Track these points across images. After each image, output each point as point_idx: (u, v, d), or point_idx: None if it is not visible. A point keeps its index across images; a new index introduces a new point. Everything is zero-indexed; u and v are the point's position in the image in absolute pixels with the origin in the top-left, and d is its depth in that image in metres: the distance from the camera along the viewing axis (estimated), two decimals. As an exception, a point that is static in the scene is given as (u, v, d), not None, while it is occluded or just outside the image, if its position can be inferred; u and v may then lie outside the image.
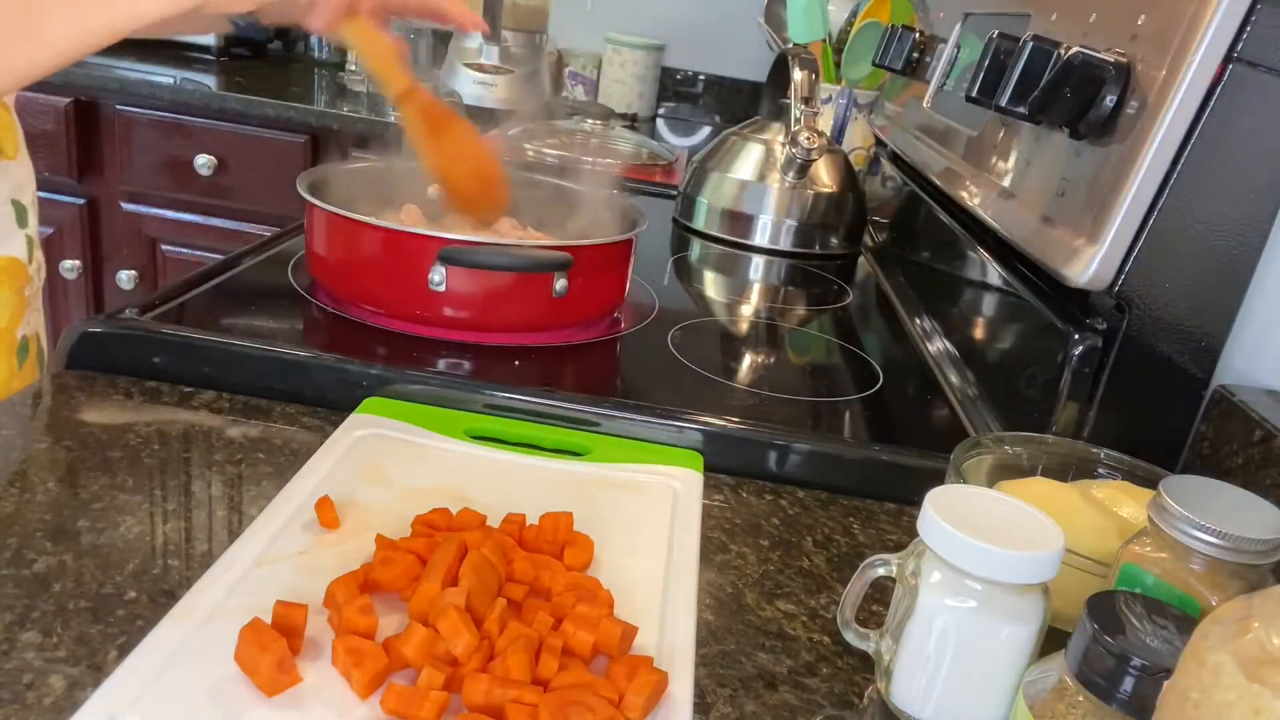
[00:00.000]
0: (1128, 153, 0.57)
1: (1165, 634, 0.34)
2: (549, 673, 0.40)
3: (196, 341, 0.65)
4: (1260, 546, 0.39)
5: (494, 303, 0.74)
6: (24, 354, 0.79)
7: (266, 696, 0.38)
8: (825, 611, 0.51)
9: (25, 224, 0.78)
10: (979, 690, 0.41)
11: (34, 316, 0.81)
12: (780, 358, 0.85)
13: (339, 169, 0.85)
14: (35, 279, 0.81)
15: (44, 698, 0.38)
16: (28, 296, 0.79)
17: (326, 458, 0.56)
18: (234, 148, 1.70)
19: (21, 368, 0.79)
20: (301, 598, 0.43)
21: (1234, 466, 0.56)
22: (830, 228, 1.18)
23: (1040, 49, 0.61)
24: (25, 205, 0.78)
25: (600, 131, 1.69)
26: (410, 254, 0.71)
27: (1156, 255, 0.58)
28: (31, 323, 0.80)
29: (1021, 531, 0.40)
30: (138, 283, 1.81)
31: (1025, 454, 0.58)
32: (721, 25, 2.22)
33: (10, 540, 0.47)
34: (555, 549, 0.49)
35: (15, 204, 0.77)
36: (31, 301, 0.80)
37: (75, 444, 0.56)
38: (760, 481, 0.63)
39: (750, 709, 0.43)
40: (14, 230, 0.77)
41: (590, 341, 0.79)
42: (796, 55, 1.12)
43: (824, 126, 1.51)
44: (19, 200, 0.77)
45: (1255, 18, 0.53)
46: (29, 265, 0.79)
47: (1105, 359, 0.61)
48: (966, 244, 0.87)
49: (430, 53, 2.19)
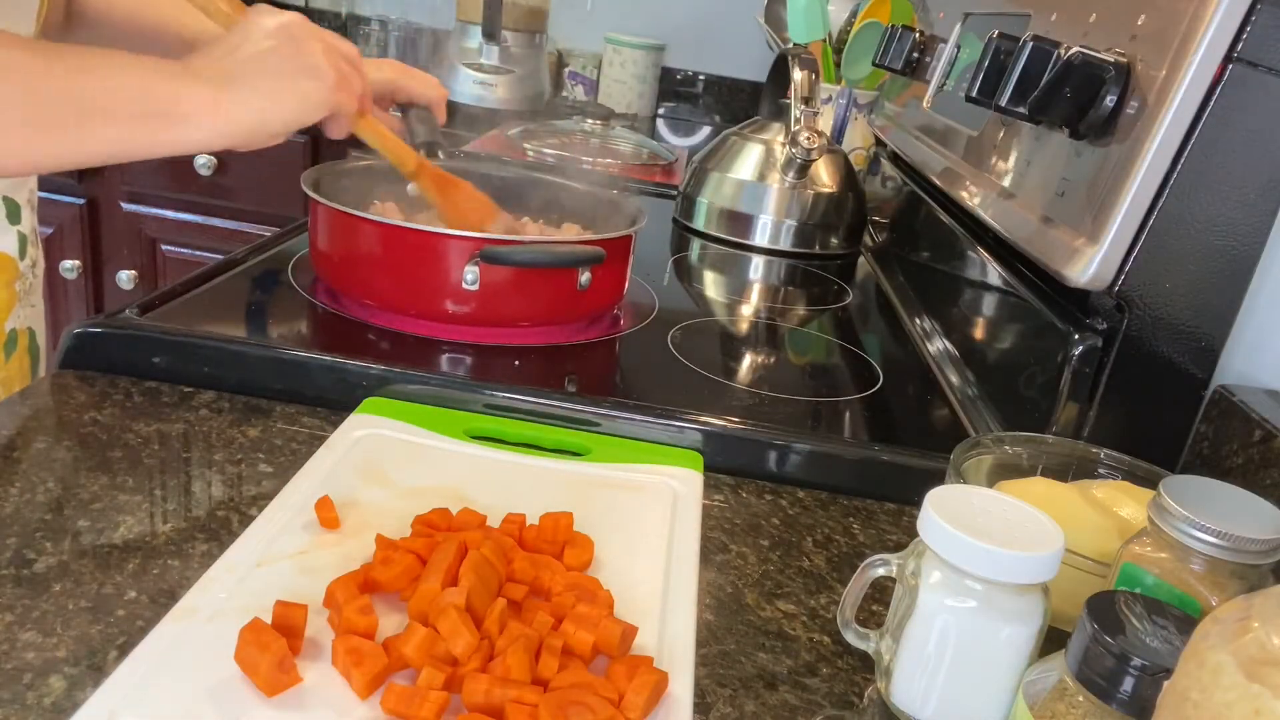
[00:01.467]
0: (1128, 153, 0.57)
1: (1165, 634, 0.34)
2: (549, 673, 0.40)
3: (196, 341, 0.65)
4: (1260, 546, 0.39)
5: (523, 298, 0.76)
6: (12, 347, 0.80)
7: (266, 696, 0.38)
8: (825, 611, 0.51)
9: (18, 220, 0.79)
10: (979, 690, 0.41)
11: (26, 311, 0.82)
12: (780, 358, 0.85)
13: (331, 168, 0.86)
14: (28, 274, 0.81)
15: (44, 698, 0.38)
16: (18, 290, 0.80)
17: (326, 458, 0.56)
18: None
19: (9, 360, 0.79)
20: (301, 598, 0.43)
21: (1234, 466, 0.56)
22: (830, 228, 1.18)
23: (1040, 49, 0.61)
24: (19, 202, 0.79)
25: (600, 131, 1.69)
26: (443, 254, 0.73)
27: (1156, 255, 0.58)
28: (23, 317, 0.81)
29: (1021, 531, 0.40)
30: (138, 283, 1.81)
31: (1025, 454, 0.58)
32: (721, 25, 2.22)
33: (10, 540, 0.47)
34: (555, 549, 0.49)
35: (7, 200, 0.78)
36: (24, 296, 0.81)
37: (75, 444, 0.56)
38: (760, 481, 0.63)
39: (750, 709, 0.43)
40: (4, 226, 0.78)
41: (590, 341, 0.80)
42: (796, 55, 1.12)
43: (824, 126, 1.51)
44: (12, 197, 0.78)
45: (1255, 18, 0.53)
46: (20, 261, 0.80)
47: (1105, 359, 0.61)
48: (966, 244, 0.87)
49: (429, 52, 2.19)
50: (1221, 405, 0.59)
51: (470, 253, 0.72)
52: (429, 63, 2.15)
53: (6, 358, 0.79)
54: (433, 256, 0.73)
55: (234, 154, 0.68)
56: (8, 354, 0.79)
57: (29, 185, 0.81)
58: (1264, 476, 0.53)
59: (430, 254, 0.73)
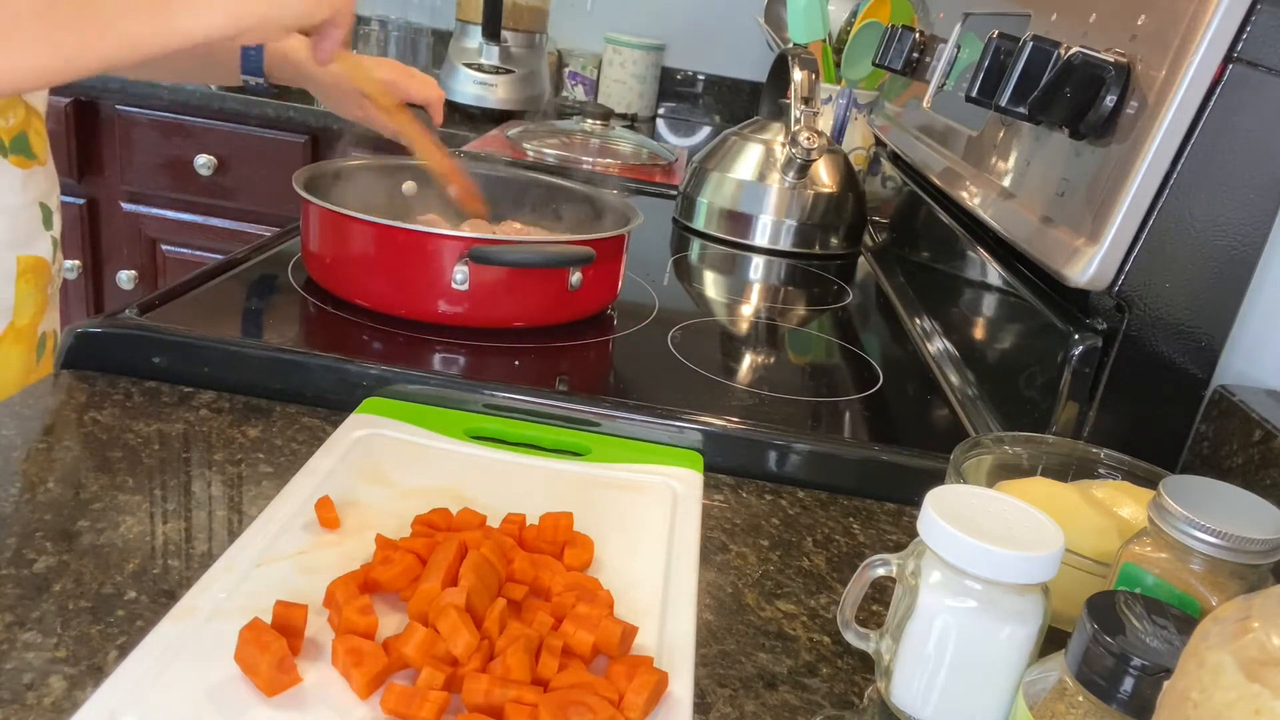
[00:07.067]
0: (1128, 153, 0.57)
1: (1165, 634, 0.34)
2: (549, 673, 0.40)
3: (196, 341, 0.65)
4: (1260, 546, 0.39)
5: (514, 298, 0.76)
6: (42, 350, 0.82)
7: (266, 696, 0.38)
8: (825, 611, 0.51)
9: (50, 226, 0.81)
10: (979, 690, 0.41)
11: (53, 315, 0.84)
12: (780, 358, 0.85)
13: (327, 167, 0.87)
14: (56, 278, 0.84)
15: (44, 698, 0.38)
16: (50, 295, 0.82)
17: (326, 458, 0.56)
18: (234, 148, 1.70)
19: (39, 363, 0.81)
20: (301, 598, 0.43)
21: (1234, 466, 0.56)
22: (830, 228, 1.18)
23: (1040, 49, 0.61)
24: (51, 208, 0.82)
25: (600, 131, 1.69)
26: (431, 254, 0.73)
27: (1156, 255, 0.58)
28: (50, 320, 0.83)
29: (1021, 531, 0.40)
30: (138, 283, 1.81)
31: (1025, 454, 0.58)
32: (721, 25, 2.22)
33: (10, 540, 0.47)
34: (555, 549, 0.49)
35: (43, 206, 0.80)
36: (53, 300, 0.83)
37: (75, 444, 0.56)
38: (760, 481, 0.63)
39: (750, 709, 0.43)
40: (40, 231, 0.80)
41: (590, 342, 0.80)
42: (796, 55, 1.12)
43: (824, 126, 1.51)
44: (46, 203, 0.80)
45: (1255, 18, 0.53)
46: (52, 265, 0.82)
47: (1105, 359, 0.61)
48: (966, 244, 0.87)
49: (430, 53, 2.19)
50: (1221, 405, 0.59)
51: (459, 252, 0.72)
52: (429, 63, 2.15)
53: (38, 360, 0.81)
54: (422, 256, 0.73)
55: (234, 155, 0.68)
56: (38, 357, 0.81)
57: (56, 190, 0.83)
58: (1264, 476, 0.53)
59: (419, 254, 0.73)
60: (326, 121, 1.66)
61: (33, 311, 0.79)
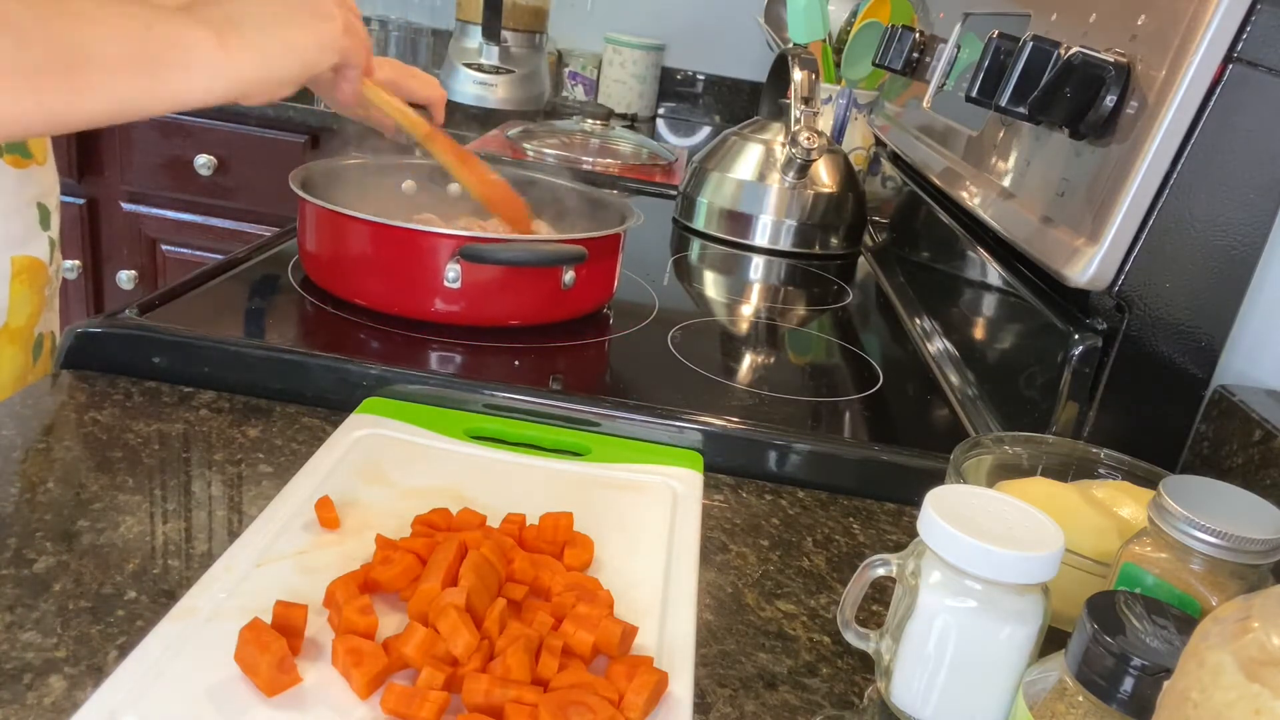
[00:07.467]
0: (1128, 153, 0.57)
1: (1165, 634, 0.34)
2: (549, 673, 0.40)
3: (196, 341, 0.65)
4: (1260, 546, 0.39)
5: (507, 296, 0.76)
6: (39, 351, 0.81)
7: (266, 696, 0.38)
8: (825, 611, 0.51)
9: (48, 226, 0.81)
10: (979, 690, 0.41)
11: (50, 316, 0.83)
12: (780, 358, 0.85)
13: (324, 166, 0.87)
14: (54, 279, 0.83)
15: (44, 698, 0.38)
16: (47, 296, 0.82)
17: (326, 458, 0.56)
18: (234, 148, 1.70)
19: (36, 364, 0.81)
20: (301, 598, 0.43)
21: (1234, 466, 0.56)
22: (830, 228, 1.18)
23: (1040, 49, 0.61)
24: (49, 209, 0.81)
25: (600, 131, 1.69)
26: (423, 252, 0.73)
27: (1156, 255, 0.58)
28: (48, 321, 0.83)
29: (1021, 531, 0.40)
30: (138, 283, 1.81)
31: (1025, 454, 0.58)
32: (721, 25, 2.22)
33: (10, 540, 0.47)
34: (555, 549, 0.49)
35: (40, 206, 0.79)
36: (50, 301, 0.83)
37: (75, 444, 0.56)
38: (760, 481, 0.63)
39: (750, 709, 0.43)
40: (37, 232, 0.79)
41: (590, 342, 0.80)
42: (796, 55, 1.12)
43: (824, 126, 1.51)
44: (44, 203, 0.80)
45: (1255, 18, 0.53)
46: (49, 266, 0.81)
47: (1105, 359, 0.61)
48: (966, 244, 0.87)
49: (430, 53, 2.19)
50: (1221, 405, 0.59)
51: (450, 251, 0.72)
52: (429, 63, 2.15)
53: (34, 361, 0.81)
54: (414, 254, 0.73)
55: (234, 155, 0.68)
56: (35, 357, 0.81)
57: (55, 190, 0.82)
58: (1264, 476, 0.53)
59: (411, 252, 0.73)
60: (326, 121, 1.66)
61: (29, 313, 0.78)
